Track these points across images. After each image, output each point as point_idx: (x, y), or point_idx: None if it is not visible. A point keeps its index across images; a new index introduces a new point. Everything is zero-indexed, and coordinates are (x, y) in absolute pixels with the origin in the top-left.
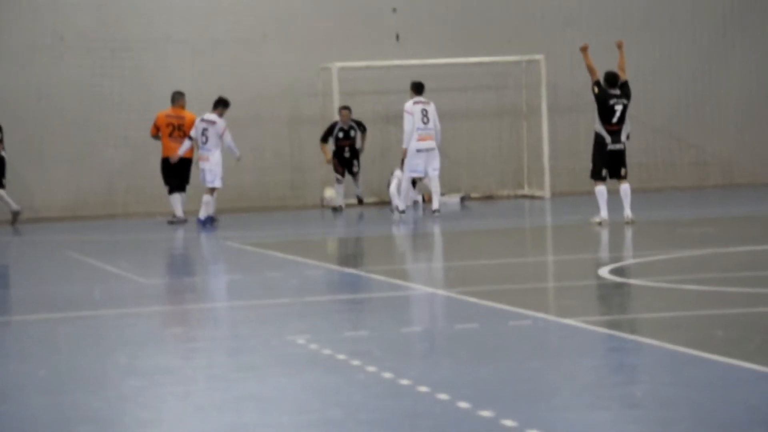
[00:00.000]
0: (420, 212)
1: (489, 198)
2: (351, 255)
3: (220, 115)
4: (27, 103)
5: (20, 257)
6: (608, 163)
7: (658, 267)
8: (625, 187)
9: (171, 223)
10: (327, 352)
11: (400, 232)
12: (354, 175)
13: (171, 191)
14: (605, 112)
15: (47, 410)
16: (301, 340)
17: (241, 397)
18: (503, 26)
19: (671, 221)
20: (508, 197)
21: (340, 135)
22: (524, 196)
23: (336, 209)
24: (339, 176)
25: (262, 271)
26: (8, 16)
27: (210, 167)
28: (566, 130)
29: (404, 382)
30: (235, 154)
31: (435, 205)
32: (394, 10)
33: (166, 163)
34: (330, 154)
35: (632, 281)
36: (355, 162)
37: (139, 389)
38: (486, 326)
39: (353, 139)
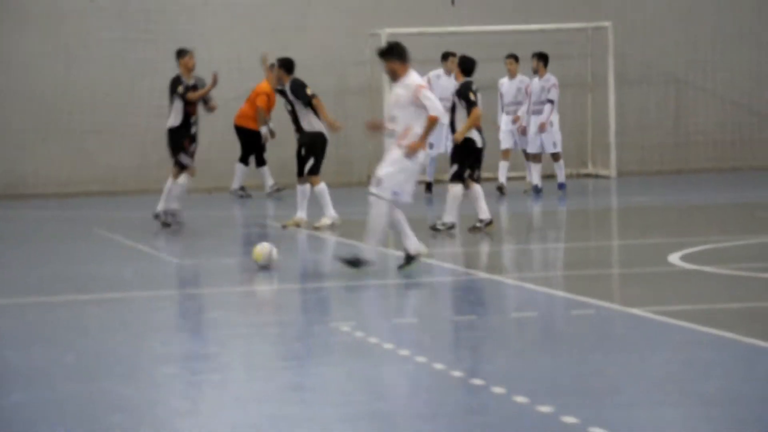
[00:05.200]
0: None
1: (549, 177)
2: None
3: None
4: (54, 71)
5: (46, 234)
6: (474, 164)
7: (734, 253)
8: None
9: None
10: (373, 340)
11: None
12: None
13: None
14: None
15: (75, 398)
16: (345, 327)
17: (282, 387)
18: None
19: (749, 204)
20: (570, 176)
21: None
22: (588, 175)
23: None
24: None
25: (303, 252)
26: None
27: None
28: (635, 103)
29: (456, 374)
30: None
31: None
32: None
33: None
34: None
35: (705, 268)
36: None
37: (173, 377)
38: (545, 315)
39: None
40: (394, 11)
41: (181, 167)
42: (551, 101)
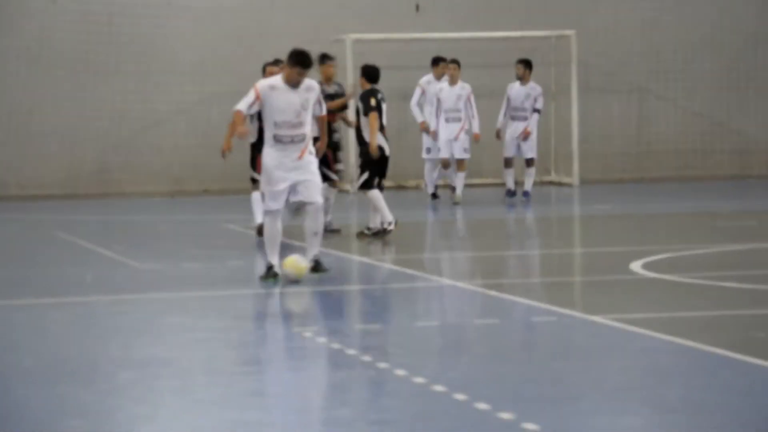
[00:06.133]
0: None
1: (501, 185)
2: (364, 242)
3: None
4: (16, 71)
5: (6, 237)
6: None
7: (694, 262)
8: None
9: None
10: (336, 346)
11: (417, 220)
12: None
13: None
14: (381, 115)
15: (33, 403)
16: (308, 333)
17: (243, 392)
18: None
19: (710, 213)
20: (533, 184)
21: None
22: (551, 183)
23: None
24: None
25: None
26: None
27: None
28: (598, 112)
29: (418, 380)
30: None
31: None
32: None
33: None
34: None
35: (666, 277)
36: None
37: (133, 382)
38: (508, 322)
39: None
40: (357, 18)
41: (324, 179)
42: (538, 110)
